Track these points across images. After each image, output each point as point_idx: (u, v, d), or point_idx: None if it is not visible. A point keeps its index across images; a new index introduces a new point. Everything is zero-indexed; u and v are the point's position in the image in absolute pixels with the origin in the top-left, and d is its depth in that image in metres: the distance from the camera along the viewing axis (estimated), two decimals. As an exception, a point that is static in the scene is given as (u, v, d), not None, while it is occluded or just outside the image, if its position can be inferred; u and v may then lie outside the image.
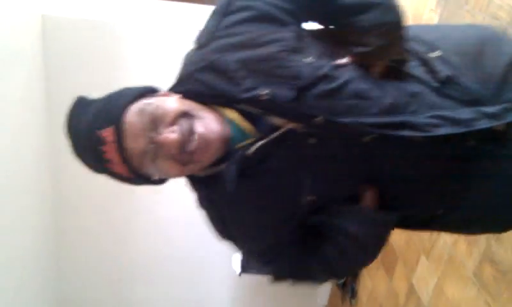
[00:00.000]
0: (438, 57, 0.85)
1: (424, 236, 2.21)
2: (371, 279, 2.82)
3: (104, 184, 2.83)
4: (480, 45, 0.87)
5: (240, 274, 2.98)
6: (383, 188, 0.85)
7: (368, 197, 0.84)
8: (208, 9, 0.88)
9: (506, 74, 0.83)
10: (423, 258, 2.21)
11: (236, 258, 3.01)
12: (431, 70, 0.84)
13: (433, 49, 0.87)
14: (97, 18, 2.48)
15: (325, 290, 3.40)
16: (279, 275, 0.97)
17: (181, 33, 2.48)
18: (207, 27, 0.86)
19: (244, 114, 0.81)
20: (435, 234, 2.10)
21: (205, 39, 0.84)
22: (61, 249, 3.00)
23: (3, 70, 2.07)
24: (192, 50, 0.87)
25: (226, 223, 0.90)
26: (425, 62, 0.85)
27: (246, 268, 2.94)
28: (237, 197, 0.84)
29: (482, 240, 1.76)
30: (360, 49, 0.83)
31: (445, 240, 2.02)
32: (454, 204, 0.88)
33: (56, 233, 2.93)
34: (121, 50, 2.54)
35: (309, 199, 0.83)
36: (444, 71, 0.83)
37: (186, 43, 0.91)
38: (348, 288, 3.06)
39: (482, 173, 0.84)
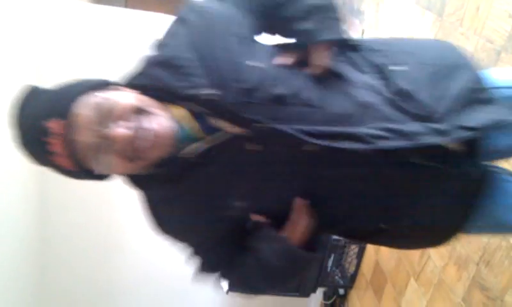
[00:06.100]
0: (399, 71, 0.85)
1: (413, 259, 2.19)
2: (360, 300, 2.77)
3: (93, 194, 2.79)
4: (444, 66, 0.87)
5: (227, 292, 2.92)
6: (320, 201, 0.84)
7: (298, 211, 0.83)
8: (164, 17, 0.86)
9: (464, 98, 0.83)
10: (412, 281, 2.18)
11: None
12: (388, 82, 0.84)
13: (396, 63, 0.87)
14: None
15: (313, 309, 3.35)
16: (204, 268, 0.99)
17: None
18: (169, 30, 0.86)
19: (192, 113, 0.80)
20: (425, 256, 2.08)
21: (164, 40, 0.85)
22: (47, 258, 2.96)
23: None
24: (152, 50, 0.86)
25: (161, 220, 0.91)
26: (383, 74, 0.85)
27: (233, 286, 2.88)
28: (173, 197, 0.85)
29: (472, 265, 1.74)
30: (294, 39, 0.85)
31: (435, 264, 2.00)
32: (396, 220, 0.88)
33: (41, 241, 2.89)
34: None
35: (238, 205, 0.83)
36: (400, 84, 0.83)
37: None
38: (336, 308, 3.01)
39: (425, 190, 0.85)
